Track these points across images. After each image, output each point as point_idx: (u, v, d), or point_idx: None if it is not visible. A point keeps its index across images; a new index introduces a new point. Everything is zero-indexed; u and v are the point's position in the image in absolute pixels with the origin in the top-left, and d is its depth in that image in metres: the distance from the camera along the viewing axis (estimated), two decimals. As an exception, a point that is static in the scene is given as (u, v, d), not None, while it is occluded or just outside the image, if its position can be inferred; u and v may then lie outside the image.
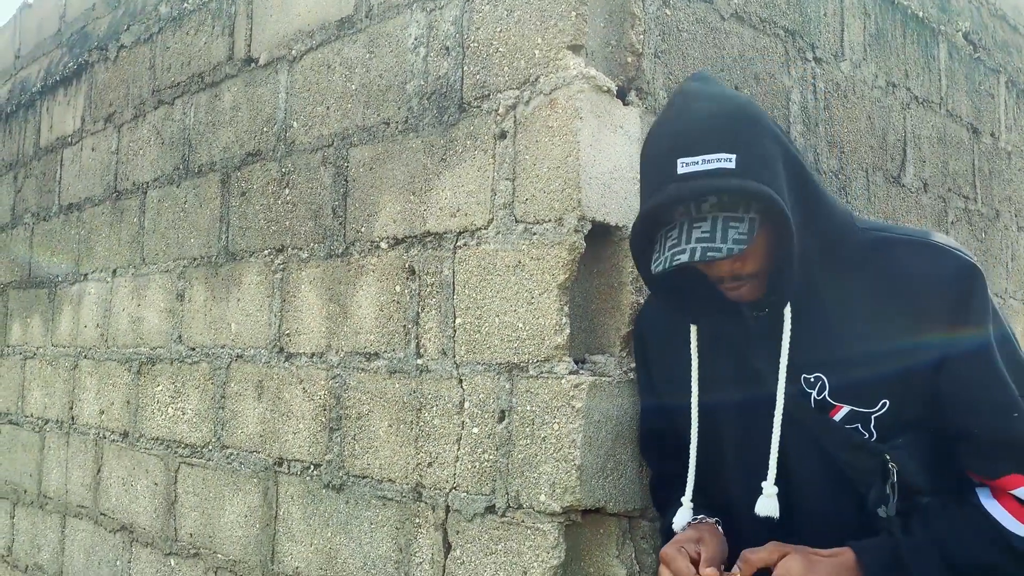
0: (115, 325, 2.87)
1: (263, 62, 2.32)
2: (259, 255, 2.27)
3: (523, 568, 1.55)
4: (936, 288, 1.22)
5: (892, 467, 1.23)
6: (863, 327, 1.24)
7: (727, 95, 1.25)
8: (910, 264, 1.24)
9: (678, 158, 1.17)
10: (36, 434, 3.30)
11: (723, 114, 1.20)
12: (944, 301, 1.21)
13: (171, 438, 2.55)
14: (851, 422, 1.25)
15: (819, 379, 1.26)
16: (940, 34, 2.65)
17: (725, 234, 1.16)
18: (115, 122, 2.97)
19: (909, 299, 1.22)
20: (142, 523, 2.65)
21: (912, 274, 1.23)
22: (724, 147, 1.16)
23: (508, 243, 1.63)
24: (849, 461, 1.25)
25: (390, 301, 1.87)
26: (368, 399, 1.90)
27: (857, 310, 1.25)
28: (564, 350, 1.53)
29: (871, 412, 1.24)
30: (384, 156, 1.92)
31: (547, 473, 1.52)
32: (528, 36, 1.64)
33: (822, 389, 1.26)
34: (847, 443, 1.25)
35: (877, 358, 1.23)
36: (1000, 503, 1.22)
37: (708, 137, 1.17)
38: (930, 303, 1.22)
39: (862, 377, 1.24)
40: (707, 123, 1.19)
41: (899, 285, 1.24)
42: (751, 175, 1.15)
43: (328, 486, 1.99)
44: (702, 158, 1.16)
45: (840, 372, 1.25)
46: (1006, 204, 2.96)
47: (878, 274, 1.25)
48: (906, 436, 1.24)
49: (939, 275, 1.22)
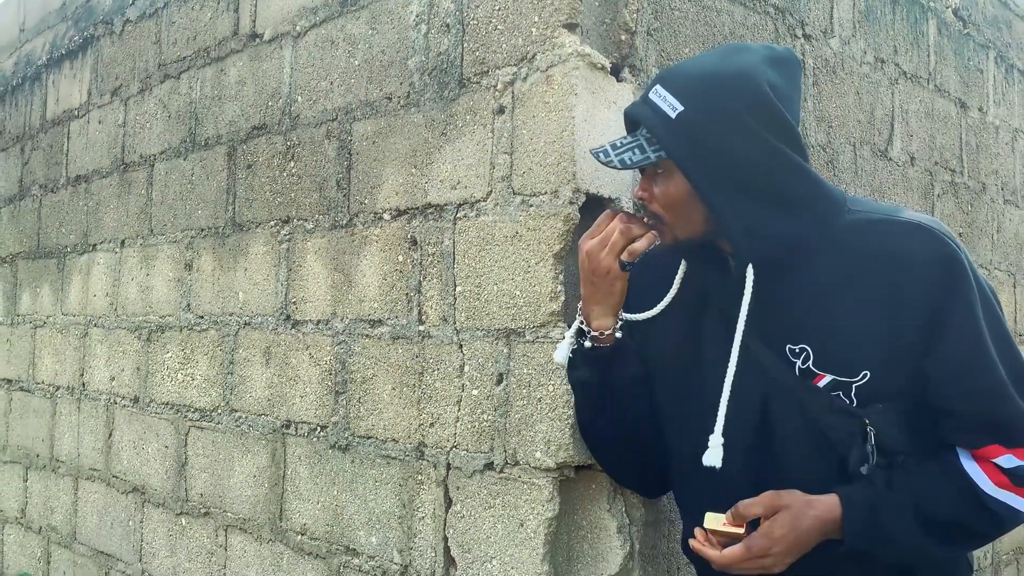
0: (124, 294, 2.95)
1: (268, 37, 2.38)
2: (265, 226, 2.34)
3: (520, 520, 1.65)
4: (921, 269, 1.26)
5: (871, 430, 1.29)
6: (849, 302, 1.29)
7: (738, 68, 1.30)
8: (898, 244, 1.28)
9: (657, 83, 1.33)
10: (47, 400, 3.40)
11: (710, 76, 1.30)
12: (929, 282, 1.26)
13: (181, 403, 2.64)
14: (833, 390, 1.31)
15: (804, 350, 1.31)
16: (930, 10, 2.70)
17: (624, 152, 1.33)
18: (121, 95, 3.03)
19: (894, 278, 1.27)
20: (153, 484, 2.75)
21: (899, 254, 1.28)
22: (681, 95, 1.29)
23: (506, 214, 1.71)
24: (831, 424, 1.31)
25: (393, 270, 1.96)
26: (372, 364, 1.99)
27: (845, 286, 1.30)
28: (559, 316, 1.61)
29: (852, 382, 1.29)
30: (387, 130, 1.99)
31: (542, 432, 1.61)
32: (525, 14, 1.70)
33: (807, 359, 1.31)
34: (828, 407, 1.30)
35: (861, 332, 1.28)
36: (979, 466, 1.28)
37: (680, 84, 1.31)
38: (915, 283, 1.26)
39: (845, 348, 1.29)
40: (692, 75, 1.32)
41: (885, 264, 1.28)
42: (678, 132, 1.28)
43: (334, 446, 2.08)
44: (663, 96, 1.31)
45: (824, 343, 1.30)
46: (992, 177, 3.03)
47: (866, 253, 1.30)
48: (885, 403, 1.30)
49: (924, 256, 1.27)
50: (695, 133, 1.27)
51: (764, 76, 1.28)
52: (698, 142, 1.27)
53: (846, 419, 1.30)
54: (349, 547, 2.03)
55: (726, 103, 1.27)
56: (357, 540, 2.01)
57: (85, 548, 3.12)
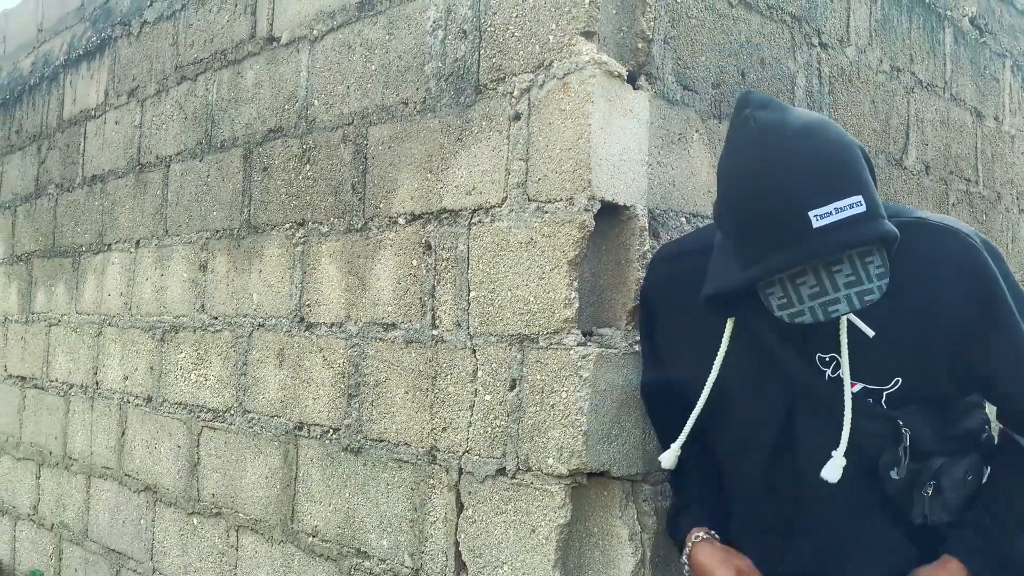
0: (139, 294, 2.97)
1: (285, 41, 2.39)
2: (280, 228, 2.35)
3: (531, 526, 1.65)
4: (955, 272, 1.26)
5: (905, 432, 1.28)
6: (881, 308, 1.26)
7: (812, 125, 1.19)
8: (931, 248, 1.28)
9: (808, 211, 1.11)
10: (61, 398, 3.42)
11: (834, 151, 1.16)
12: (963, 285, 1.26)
13: (194, 403, 2.66)
14: (863, 397, 1.31)
15: (834, 359, 1.31)
16: (946, 19, 2.70)
17: (867, 272, 1.14)
18: (138, 96, 3.05)
19: (928, 282, 1.27)
20: (165, 484, 2.77)
21: (933, 258, 1.27)
22: (850, 190, 1.12)
23: (521, 221, 1.71)
24: (861, 427, 1.29)
25: (407, 274, 1.96)
26: (385, 367, 2.00)
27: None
28: (573, 323, 1.62)
29: (883, 389, 1.29)
30: (402, 135, 2.00)
31: (555, 438, 1.62)
32: (543, 22, 1.71)
33: (836, 368, 1.30)
34: (860, 410, 1.29)
35: (893, 338, 1.27)
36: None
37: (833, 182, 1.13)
38: (949, 286, 1.26)
39: (877, 356, 1.28)
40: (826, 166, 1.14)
41: (919, 268, 1.27)
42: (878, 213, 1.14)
43: (346, 449, 2.09)
44: (834, 207, 1.11)
45: (856, 352, 1.28)
46: (1008, 187, 3.02)
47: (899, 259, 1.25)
48: (916, 404, 1.30)
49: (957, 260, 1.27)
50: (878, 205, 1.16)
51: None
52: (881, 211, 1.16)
53: (878, 422, 1.30)
54: (360, 550, 2.04)
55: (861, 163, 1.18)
56: (368, 543, 2.02)
57: (97, 546, 3.13)
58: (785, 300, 1.17)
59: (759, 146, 1.18)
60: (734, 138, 1.25)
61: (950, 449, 1.32)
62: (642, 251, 1.67)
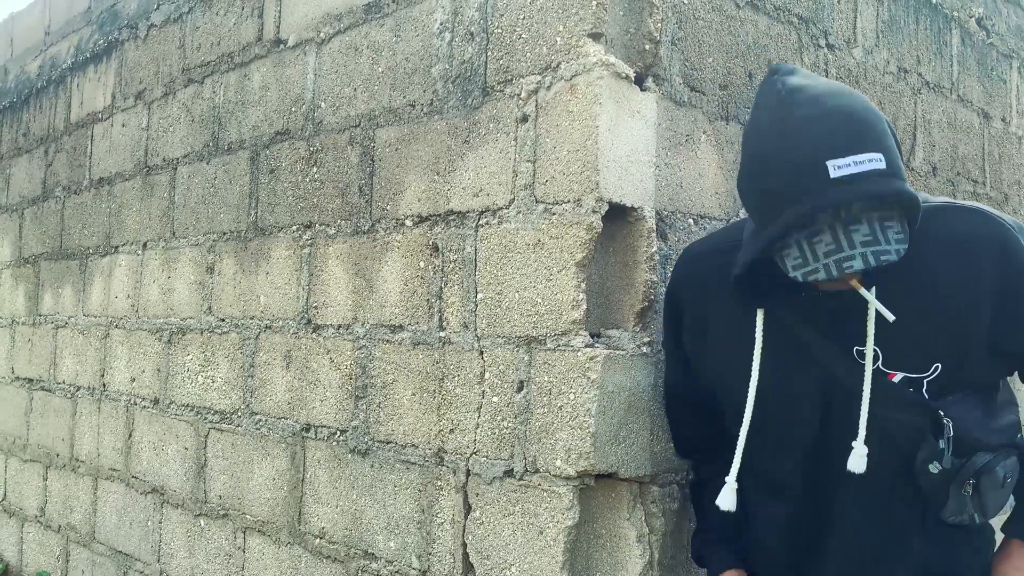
0: (146, 296, 2.98)
1: (292, 44, 2.40)
2: (287, 231, 2.36)
3: (539, 528, 1.65)
4: (985, 249, 1.25)
5: (947, 422, 1.25)
6: (917, 293, 1.26)
7: (840, 89, 1.20)
8: (961, 228, 1.27)
9: (826, 160, 1.11)
10: (68, 400, 3.43)
11: (858, 110, 1.15)
12: (993, 260, 1.25)
13: (201, 405, 2.66)
14: (905, 387, 1.29)
15: (873, 351, 1.28)
16: (953, 20, 2.69)
17: (886, 235, 1.12)
18: (145, 99, 3.06)
19: (961, 261, 1.25)
20: (173, 485, 2.77)
21: (964, 238, 1.26)
22: (871, 146, 1.12)
23: (528, 222, 1.71)
24: (899, 420, 1.27)
25: (414, 276, 1.97)
26: (393, 369, 2.00)
27: (911, 278, 1.26)
28: (580, 325, 1.62)
29: (923, 377, 1.28)
30: (410, 137, 2.00)
31: (563, 440, 1.62)
32: (550, 23, 1.71)
33: (875, 360, 1.28)
34: (901, 402, 1.27)
35: (930, 323, 1.26)
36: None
37: (855, 137, 1.12)
38: (981, 263, 1.25)
39: (914, 344, 1.27)
40: (848, 122, 1.13)
41: (952, 249, 1.26)
42: (900, 175, 1.13)
43: (354, 451, 2.09)
44: (853, 159, 1.11)
45: (892, 342, 1.27)
46: (1015, 188, 3.01)
47: (932, 240, 1.25)
48: (957, 394, 1.28)
49: (987, 237, 1.26)
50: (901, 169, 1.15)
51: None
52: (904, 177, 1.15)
53: (916, 414, 1.27)
54: (368, 551, 2.04)
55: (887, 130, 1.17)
56: (376, 545, 2.02)
57: (104, 547, 3.14)
58: (800, 260, 1.16)
59: (783, 105, 1.18)
60: (760, 103, 1.24)
61: (993, 444, 1.29)
62: (650, 252, 1.67)
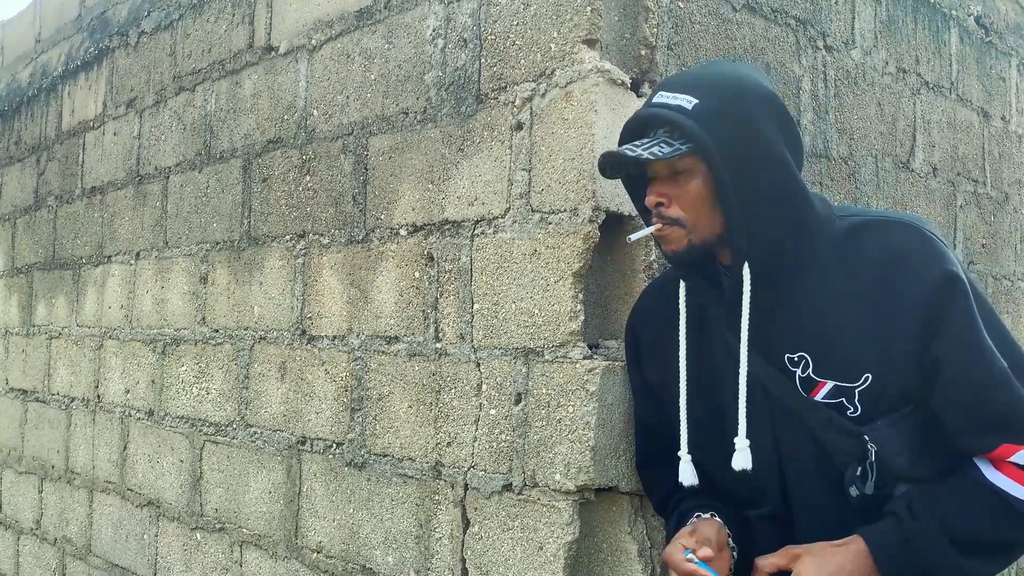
0: (139, 307, 2.95)
1: (283, 51, 2.36)
2: (281, 240, 2.33)
3: (539, 543, 1.62)
4: (917, 266, 1.25)
5: (871, 447, 1.26)
6: (846, 304, 1.28)
7: (739, 71, 1.34)
8: (893, 243, 1.28)
9: (661, 89, 1.33)
10: (63, 412, 3.40)
11: (715, 74, 1.33)
12: (924, 278, 1.25)
13: (196, 417, 2.63)
14: (836, 397, 1.28)
15: (803, 358, 1.30)
16: (951, 19, 2.67)
17: (651, 148, 1.26)
18: (136, 107, 3.03)
19: (891, 276, 1.26)
20: (168, 498, 2.74)
21: (895, 252, 1.27)
22: (691, 91, 1.28)
23: (524, 232, 1.68)
24: (830, 441, 1.29)
25: (409, 287, 1.94)
26: (389, 381, 1.97)
27: (841, 289, 1.29)
28: (579, 335, 1.59)
29: (855, 387, 1.27)
30: (403, 145, 1.97)
31: (562, 453, 1.59)
32: (544, 30, 1.68)
33: (806, 367, 1.30)
34: (827, 423, 1.29)
35: (859, 332, 1.27)
36: (1001, 472, 1.25)
37: (687, 83, 1.31)
38: (911, 280, 1.25)
39: (845, 352, 1.27)
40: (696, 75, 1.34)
41: (882, 263, 1.27)
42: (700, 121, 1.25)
43: (350, 464, 2.06)
44: (672, 95, 1.29)
45: (822, 349, 1.29)
46: (1015, 187, 2.98)
47: (862, 254, 1.29)
48: (888, 418, 1.28)
49: (919, 254, 1.26)
50: (714, 123, 1.25)
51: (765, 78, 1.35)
52: (717, 131, 1.25)
53: (844, 437, 1.28)
54: (365, 566, 2.01)
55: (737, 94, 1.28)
56: (373, 559, 1.99)
57: (100, 561, 3.11)
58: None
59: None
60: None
61: (920, 475, 1.28)
62: (648, 262, 1.64)
